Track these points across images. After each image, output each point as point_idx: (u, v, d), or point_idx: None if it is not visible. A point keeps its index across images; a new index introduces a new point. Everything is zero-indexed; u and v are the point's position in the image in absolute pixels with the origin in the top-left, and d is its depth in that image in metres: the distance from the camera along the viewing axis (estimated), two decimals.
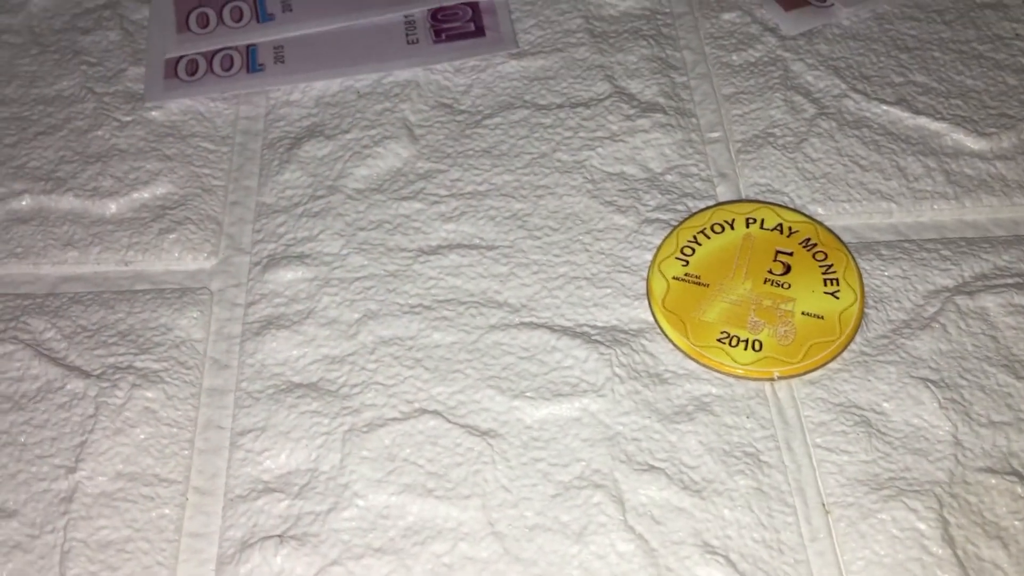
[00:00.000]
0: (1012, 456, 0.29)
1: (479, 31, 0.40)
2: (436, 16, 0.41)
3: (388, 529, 0.28)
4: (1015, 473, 0.29)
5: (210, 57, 0.40)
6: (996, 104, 0.38)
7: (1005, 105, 0.38)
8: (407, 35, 0.40)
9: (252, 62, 0.39)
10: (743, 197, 0.36)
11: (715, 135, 0.38)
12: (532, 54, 0.40)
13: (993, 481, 0.29)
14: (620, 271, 0.34)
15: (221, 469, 0.29)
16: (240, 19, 0.41)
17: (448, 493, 0.29)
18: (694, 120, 0.38)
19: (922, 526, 0.28)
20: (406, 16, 0.41)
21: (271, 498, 0.29)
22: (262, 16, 0.41)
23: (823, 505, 0.29)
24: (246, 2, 0.41)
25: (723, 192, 0.36)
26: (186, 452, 0.29)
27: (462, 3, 0.41)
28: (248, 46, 0.40)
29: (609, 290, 0.33)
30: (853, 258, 0.33)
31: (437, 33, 0.40)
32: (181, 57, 0.40)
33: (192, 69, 0.39)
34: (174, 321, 0.32)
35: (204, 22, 0.41)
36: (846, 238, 0.35)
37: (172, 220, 0.35)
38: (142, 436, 0.29)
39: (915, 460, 0.29)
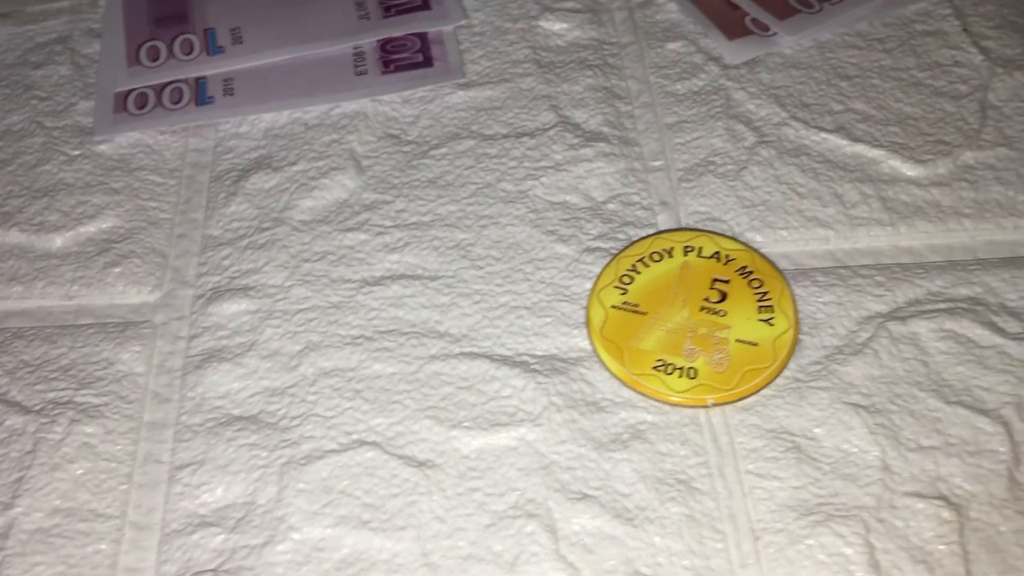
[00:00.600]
0: (939, 480, 0.30)
1: (427, 62, 0.41)
2: (385, 47, 0.42)
3: (322, 562, 0.28)
4: (942, 497, 0.30)
5: (159, 90, 0.40)
6: (933, 131, 0.39)
7: (942, 132, 0.39)
8: (356, 66, 0.41)
9: (201, 95, 0.40)
10: (683, 225, 0.36)
11: (657, 164, 0.38)
12: (480, 84, 0.41)
13: (920, 505, 0.29)
14: (560, 300, 0.34)
15: (158, 503, 0.30)
16: (190, 52, 0.41)
17: (383, 525, 0.29)
18: (637, 149, 0.39)
19: (848, 551, 0.28)
20: (355, 48, 0.41)
21: (207, 532, 0.29)
22: (212, 49, 0.41)
23: (753, 531, 0.29)
24: (196, 35, 0.42)
25: (664, 220, 0.36)
26: (124, 487, 0.30)
27: (411, 34, 0.42)
28: (198, 79, 0.40)
29: (549, 319, 0.34)
30: (788, 285, 0.34)
31: (386, 64, 0.41)
32: (131, 91, 0.40)
33: (141, 102, 0.40)
34: (116, 355, 0.33)
35: (155, 55, 0.41)
36: (783, 265, 0.35)
37: (117, 254, 0.35)
38: (80, 471, 0.30)
39: (844, 485, 0.30)
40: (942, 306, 0.34)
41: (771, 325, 0.33)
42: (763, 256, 0.35)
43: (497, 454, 0.30)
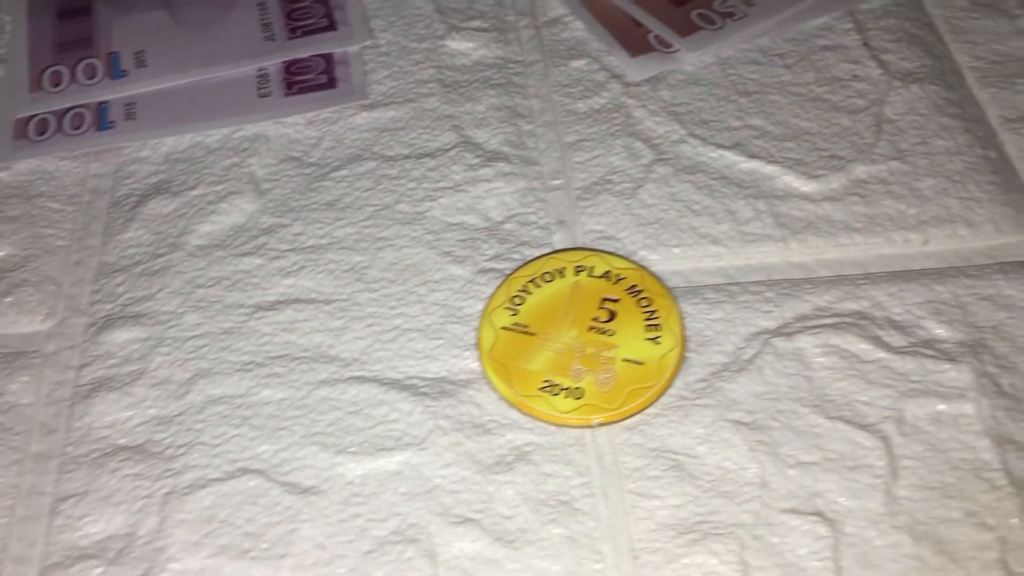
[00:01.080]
0: (817, 496, 0.30)
1: (331, 83, 0.41)
2: (290, 69, 0.42)
3: None
4: (818, 513, 0.30)
5: (61, 116, 0.40)
6: (828, 146, 0.39)
7: (837, 147, 0.39)
8: (259, 88, 0.41)
9: (103, 119, 0.40)
10: (578, 244, 0.37)
11: (557, 183, 0.39)
12: (384, 105, 0.41)
13: (796, 522, 0.30)
14: (453, 322, 0.35)
15: (40, 536, 0.30)
16: (93, 76, 0.41)
17: (263, 553, 0.29)
18: (537, 168, 0.39)
19: (723, 569, 0.29)
20: (260, 69, 0.42)
21: (86, 564, 0.29)
22: (115, 73, 0.41)
23: (632, 551, 0.30)
24: (100, 59, 0.42)
25: (559, 240, 0.37)
26: (5, 520, 0.30)
27: (316, 55, 0.42)
28: (100, 103, 0.40)
29: (441, 341, 0.34)
30: (676, 304, 0.34)
31: (289, 86, 0.41)
32: (32, 116, 0.40)
33: (42, 128, 0.40)
34: (4, 386, 0.33)
35: (57, 80, 0.41)
36: (675, 282, 0.36)
37: (10, 283, 0.35)
38: None
39: (722, 503, 0.30)
40: (828, 321, 0.34)
41: (658, 344, 0.33)
42: (653, 275, 0.35)
43: (381, 479, 0.31)
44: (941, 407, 0.32)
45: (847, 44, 0.43)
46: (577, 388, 0.32)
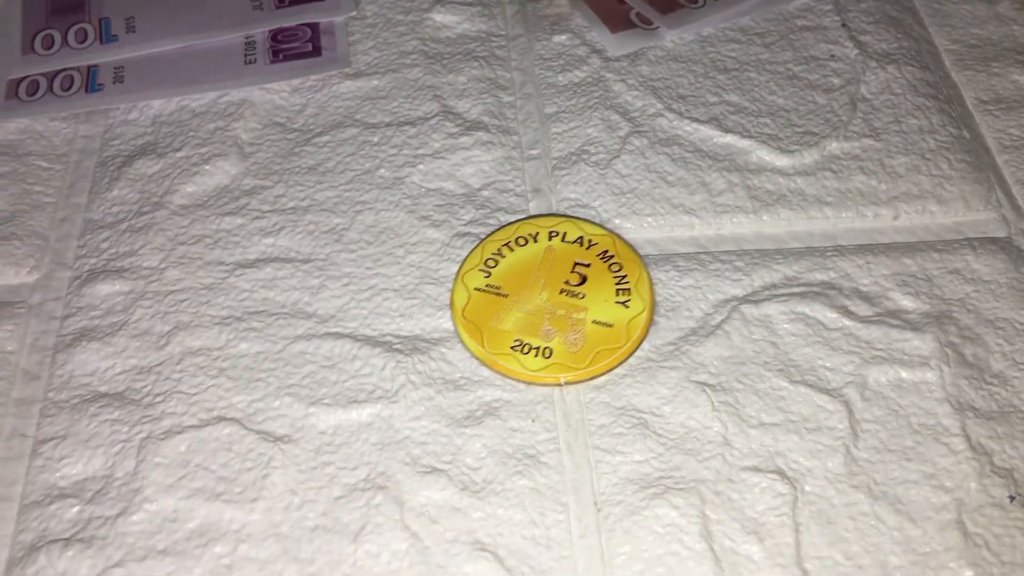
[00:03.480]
0: (778, 455, 0.31)
1: (315, 51, 0.42)
2: (276, 37, 0.42)
3: (174, 532, 0.29)
4: (778, 472, 0.31)
5: (51, 77, 0.41)
6: (803, 122, 0.40)
7: (811, 123, 0.40)
8: (246, 55, 0.42)
9: (91, 82, 0.41)
10: (553, 211, 0.37)
11: (534, 152, 0.39)
12: (367, 74, 0.42)
13: (756, 479, 0.31)
14: (428, 283, 0.35)
15: (20, 476, 0.31)
16: (84, 40, 0.42)
17: (236, 497, 0.30)
18: (516, 138, 0.40)
19: (682, 521, 0.30)
20: (247, 37, 0.42)
21: (64, 503, 0.30)
22: (106, 37, 0.42)
23: (595, 504, 0.30)
24: (91, 24, 0.42)
25: (536, 207, 0.38)
26: None
27: (302, 24, 0.43)
28: (89, 67, 0.41)
29: (416, 301, 0.35)
30: (646, 269, 0.35)
31: (275, 53, 0.42)
32: (24, 78, 0.41)
33: (32, 89, 0.40)
34: None
35: (49, 44, 0.42)
36: (648, 251, 0.36)
37: None
38: None
39: (684, 459, 0.31)
40: (796, 290, 0.35)
41: (627, 307, 0.34)
42: (625, 241, 0.36)
43: (353, 430, 0.31)
44: (904, 374, 0.33)
45: (826, 25, 0.44)
46: (547, 348, 0.33)
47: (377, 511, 0.30)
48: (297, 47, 0.42)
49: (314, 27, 0.43)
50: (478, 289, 0.34)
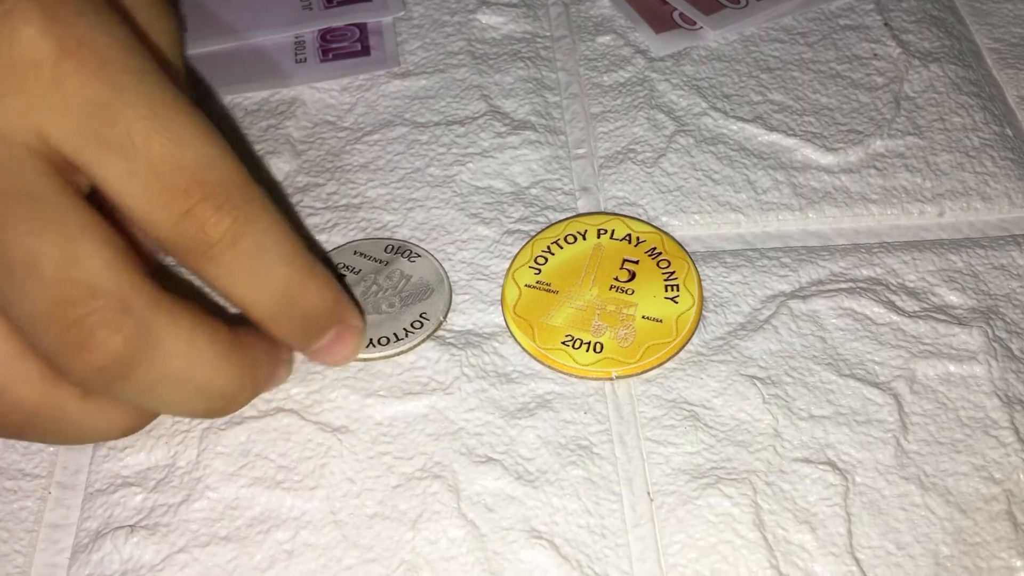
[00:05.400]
0: (828, 447, 0.32)
1: (364, 51, 0.43)
2: (325, 37, 0.43)
3: (235, 519, 0.30)
4: (829, 463, 0.31)
5: None
6: (847, 121, 0.40)
7: (855, 121, 0.40)
8: (296, 55, 0.42)
9: None
10: (601, 210, 0.38)
11: (581, 151, 0.40)
12: (415, 74, 0.42)
13: (807, 470, 0.31)
14: (479, 279, 0.36)
15: (84, 465, 0.31)
16: None
17: (295, 485, 0.30)
18: (562, 137, 0.40)
19: (736, 511, 0.30)
20: (296, 37, 0.43)
21: (128, 492, 0.30)
22: None
23: (648, 493, 0.31)
24: None
25: (583, 205, 0.38)
26: (52, 449, 0.31)
27: (351, 24, 0.44)
28: None
29: (468, 296, 0.35)
30: (694, 265, 0.36)
31: (325, 53, 0.43)
32: None
33: None
34: None
35: None
36: (695, 247, 0.37)
37: None
38: None
39: (736, 451, 0.31)
40: (843, 285, 0.35)
41: (676, 303, 0.34)
42: (673, 239, 0.36)
43: (409, 421, 0.32)
44: (952, 368, 0.33)
45: (868, 24, 0.44)
46: (597, 343, 0.33)
47: (434, 499, 0.30)
48: (346, 47, 0.43)
49: (362, 27, 0.43)
50: (528, 286, 0.35)
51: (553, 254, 0.36)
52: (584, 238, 0.36)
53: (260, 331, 0.29)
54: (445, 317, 0.34)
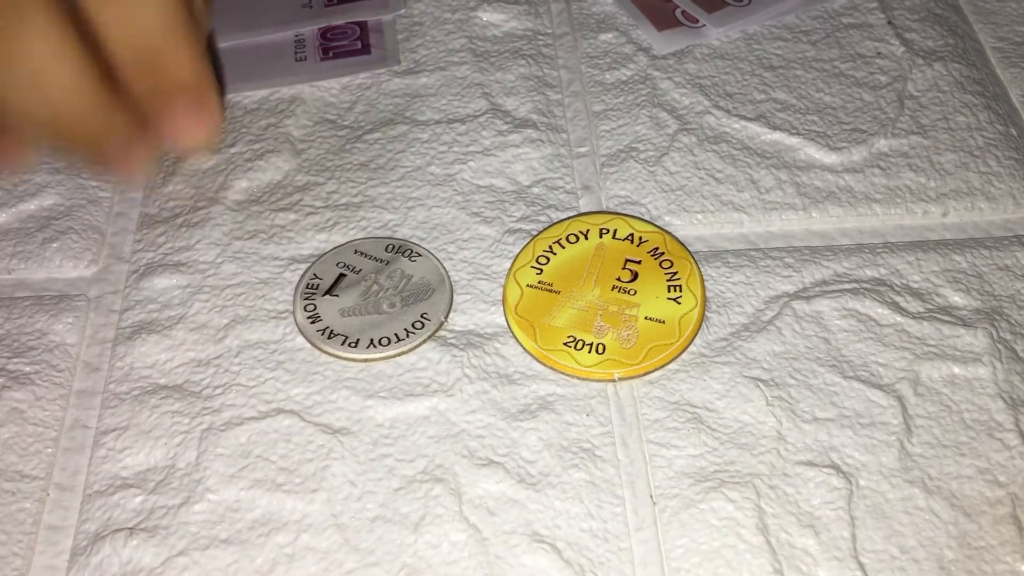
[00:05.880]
0: (832, 450, 0.31)
1: (365, 49, 0.42)
2: (325, 35, 0.43)
3: (236, 521, 0.30)
4: (833, 466, 0.31)
5: None
6: (850, 120, 0.40)
7: (859, 120, 0.40)
8: (296, 53, 0.42)
9: None
10: (603, 209, 0.38)
11: (583, 150, 0.40)
12: (416, 72, 0.42)
13: (811, 473, 0.31)
14: (480, 279, 0.36)
15: (83, 466, 0.31)
16: None
17: (296, 487, 0.30)
18: (564, 136, 0.40)
19: (739, 515, 0.30)
20: (296, 35, 0.43)
21: (127, 493, 0.30)
22: None
23: (651, 497, 0.31)
24: None
25: (585, 204, 0.38)
26: (50, 450, 0.31)
27: (351, 23, 0.43)
28: None
29: (469, 296, 0.35)
30: (697, 266, 0.35)
31: (325, 51, 0.42)
32: None
33: None
34: (49, 326, 0.34)
35: None
36: (698, 247, 0.37)
37: (56, 230, 0.37)
38: (7, 435, 0.31)
39: (739, 454, 0.31)
40: (847, 286, 0.35)
41: (679, 304, 0.34)
42: (675, 238, 0.36)
43: (410, 423, 0.32)
44: (956, 370, 0.33)
45: (871, 23, 0.44)
46: (600, 344, 0.33)
47: (436, 502, 0.30)
48: (346, 45, 0.42)
49: (363, 25, 0.43)
50: (530, 286, 0.35)
51: (555, 254, 0.36)
52: (586, 238, 0.36)
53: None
54: (446, 317, 0.34)
